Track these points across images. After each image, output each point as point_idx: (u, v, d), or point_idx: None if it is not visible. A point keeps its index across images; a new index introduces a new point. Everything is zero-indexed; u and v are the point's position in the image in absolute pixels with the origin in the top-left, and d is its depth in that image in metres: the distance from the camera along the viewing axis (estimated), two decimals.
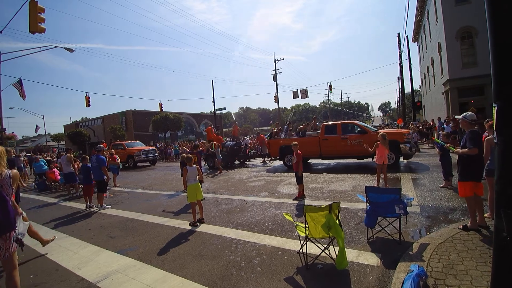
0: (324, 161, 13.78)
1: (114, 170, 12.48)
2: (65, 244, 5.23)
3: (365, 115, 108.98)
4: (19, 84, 21.01)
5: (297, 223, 3.96)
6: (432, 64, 28.57)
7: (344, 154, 11.50)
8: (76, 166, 10.67)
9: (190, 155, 6.35)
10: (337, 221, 3.41)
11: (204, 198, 7.08)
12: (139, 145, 22.97)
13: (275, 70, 38.68)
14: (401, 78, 26.50)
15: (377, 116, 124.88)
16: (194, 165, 6.01)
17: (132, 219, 6.59)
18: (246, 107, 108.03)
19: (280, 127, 15.52)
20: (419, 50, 39.92)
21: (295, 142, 7.22)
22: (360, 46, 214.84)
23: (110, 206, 8.08)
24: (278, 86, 37.97)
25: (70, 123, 64.54)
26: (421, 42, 36.04)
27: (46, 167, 14.19)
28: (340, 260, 3.30)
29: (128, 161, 20.81)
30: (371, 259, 3.65)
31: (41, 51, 21.38)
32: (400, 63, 26.00)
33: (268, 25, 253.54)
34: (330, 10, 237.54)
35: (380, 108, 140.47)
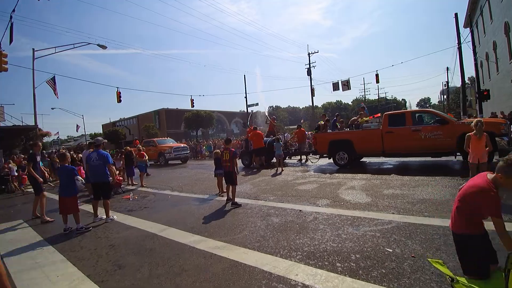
0: (385, 160, 11.48)
1: (141, 168, 11.47)
2: (54, 277, 3.57)
3: None
4: (52, 82, 20.83)
5: (461, 279, 1.94)
6: (495, 49, 24.57)
7: (416, 150, 9.10)
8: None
9: None
10: None
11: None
12: (171, 142, 22.05)
13: (309, 64, 36.22)
14: (461, 65, 22.84)
15: None
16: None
17: (152, 234, 4.91)
18: (275, 106, 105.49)
19: (327, 118, 13.34)
20: (472, 36, 35.35)
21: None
22: (394, 40, 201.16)
23: (115, 217, 6.27)
24: (312, 80, 35.53)
25: (108, 122, 66.67)
26: (477, 26, 31.70)
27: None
28: None
29: (159, 159, 20.07)
30: None
31: (74, 48, 21.17)
32: (459, 47, 22.39)
33: (297, 23, 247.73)
34: (361, 5, 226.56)
35: (418, 105, 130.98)
